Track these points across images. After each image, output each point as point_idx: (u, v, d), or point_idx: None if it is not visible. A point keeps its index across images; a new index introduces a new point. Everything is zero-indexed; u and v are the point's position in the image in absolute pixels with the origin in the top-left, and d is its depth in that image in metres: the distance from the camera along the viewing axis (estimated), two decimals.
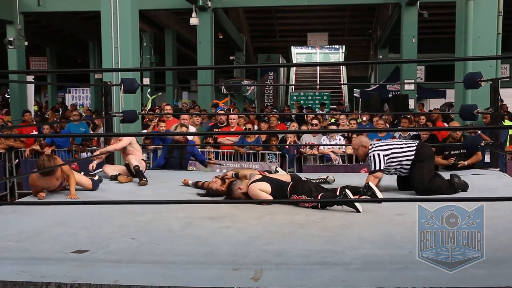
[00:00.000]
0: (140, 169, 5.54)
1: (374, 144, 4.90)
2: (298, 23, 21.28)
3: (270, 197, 4.37)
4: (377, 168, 4.72)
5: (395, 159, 4.79)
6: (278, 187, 4.43)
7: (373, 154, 4.76)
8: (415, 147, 4.81)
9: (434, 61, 15.24)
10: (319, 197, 4.17)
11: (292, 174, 5.52)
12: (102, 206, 4.14)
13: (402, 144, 4.89)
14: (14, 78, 10.79)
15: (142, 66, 16.52)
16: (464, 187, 4.79)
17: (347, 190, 4.11)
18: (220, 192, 4.83)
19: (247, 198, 4.49)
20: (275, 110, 12.46)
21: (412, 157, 4.77)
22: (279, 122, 9.41)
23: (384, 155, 4.74)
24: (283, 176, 5.04)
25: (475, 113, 5.85)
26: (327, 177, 5.45)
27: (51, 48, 20.35)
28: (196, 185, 5.29)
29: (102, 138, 8.00)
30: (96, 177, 5.27)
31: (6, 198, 8.33)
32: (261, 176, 4.71)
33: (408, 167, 4.80)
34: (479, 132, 6.35)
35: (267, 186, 4.42)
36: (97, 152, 6.11)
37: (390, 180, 5.37)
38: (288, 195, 4.32)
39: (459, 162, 6.24)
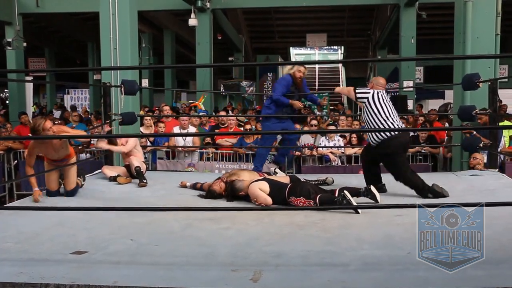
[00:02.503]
0: (141, 170, 5.56)
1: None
2: (297, 24, 21.27)
3: (269, 198, 4.38)
4: (357, 90, 4.88)
5: (369, 114, 4.77)
6: (276, 189, 4.44)
7: (361, 89, 4.92)
8: (390, 136, 4.70)
9: (433, 59, 15.25)
10: (317, 199, 4.17)
11: (291, 175, 5.51)
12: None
13: (388, 113, 4.74)
14: (13, 79, 10.79)
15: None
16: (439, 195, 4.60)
17: (345, 191, 4.11)
18: (221, 195, 4.82)
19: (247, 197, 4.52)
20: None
21: (383, 139, 4.72)
22: None
23: (367, 97, 4.78)
24: (282, 177, 5.05)
25: (474, 114, 5.87)
26: (326, 178, 5.45)
27: (49, 49, 20.34)
28: (194, 187, 5.27)
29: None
30: (83, 183, 5.18)
31: (5, 199, 8.32)
32: (261, 177, 4.73)
33: (376, 142, 4.77)
34: (474, 132, 6.36)
35: (266, 186, 4.44)
36: (100, 144, 6.03)
37: (389, 182, 5.37)
38: (286, 196, 4.33)
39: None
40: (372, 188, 4.29)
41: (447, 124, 9.34)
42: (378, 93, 4.83)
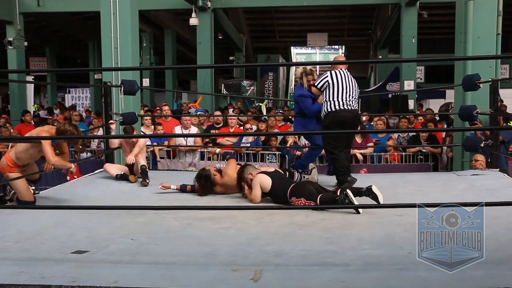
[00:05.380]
0: (147, 169, 5.57)
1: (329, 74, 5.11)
2: (297, 23, 21.27)
3: (259, 199, 4.49)
4: (316, 84, 5.15)
5: (325, 93, 5.05)
6: (278, 187, 4.45)
7: (318, 79, 5.17)
8: (329, 111, 4.96)
9: (433, 60, 15.25)
10: (318, 199, 4.16)
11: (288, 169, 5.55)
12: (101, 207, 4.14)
13: (338, 92, 4.97)
14: (14, 78, 10.79)
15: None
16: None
17: (348, 190, 4.09)
18: (213, 183, 4.86)
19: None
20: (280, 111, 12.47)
21: (324, 114, 5.06)
22: (283, 123, 9.40)
23: (327, 81, 5.04)
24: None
25: (475, 114, 5.86)
26: None
27: (50, 48, 20.35)
28: (183, 189, 5.09)
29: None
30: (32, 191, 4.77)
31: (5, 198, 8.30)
32: (273, 170, 4.77)
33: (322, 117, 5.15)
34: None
35: (268, 184, 4.47)
36: (132, 156, 5.70)
37: (390, 182, 5.39)
38: (288, 196, 4.33)
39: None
40: (374, 188, 4.27)
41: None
42: (335, 73, 5.06)
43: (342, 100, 4.96)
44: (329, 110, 4.99)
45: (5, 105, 19.66)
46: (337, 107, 4.96)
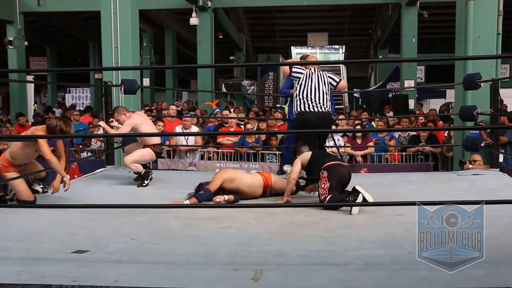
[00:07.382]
0: (142, 174, 5.39)
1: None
2: (298, 23, 21.27)
3: (296, 173, 4.46)
4: (293, 67, 5.21)
5: (295, 91, 5.14)
6: (317, 160, 4.47)
7: (297, 68, 5.21)
8: (298, 112, 5.06)
9: (434, 60, 15.27)
10: (327, 198, 4.12)
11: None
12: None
13: (307, 93, 5.04)
14: (14, 78, 10.80)
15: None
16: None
17: (362, 191, 4.03)
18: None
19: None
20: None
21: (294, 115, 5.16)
22: (282, 122, 9.39)
23: (299, 77, 5.14)
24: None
25: (475, 114, 5.87)
26: None
27: (51, 48, 20.35)
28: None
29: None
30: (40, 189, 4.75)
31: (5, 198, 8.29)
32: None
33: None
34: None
35: (306, 157, 4.50)
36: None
37: (390, 182, 5.38)
38: (323, 168, 4.32)
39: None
40: (357, 186, 4.13)
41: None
42: (311, 73, 5.12)
43: (309, 101, 5.03)
44: (297, 111, 5.11)
45: (6, 105, 19.67)
46: (302, 108, 5.06)
